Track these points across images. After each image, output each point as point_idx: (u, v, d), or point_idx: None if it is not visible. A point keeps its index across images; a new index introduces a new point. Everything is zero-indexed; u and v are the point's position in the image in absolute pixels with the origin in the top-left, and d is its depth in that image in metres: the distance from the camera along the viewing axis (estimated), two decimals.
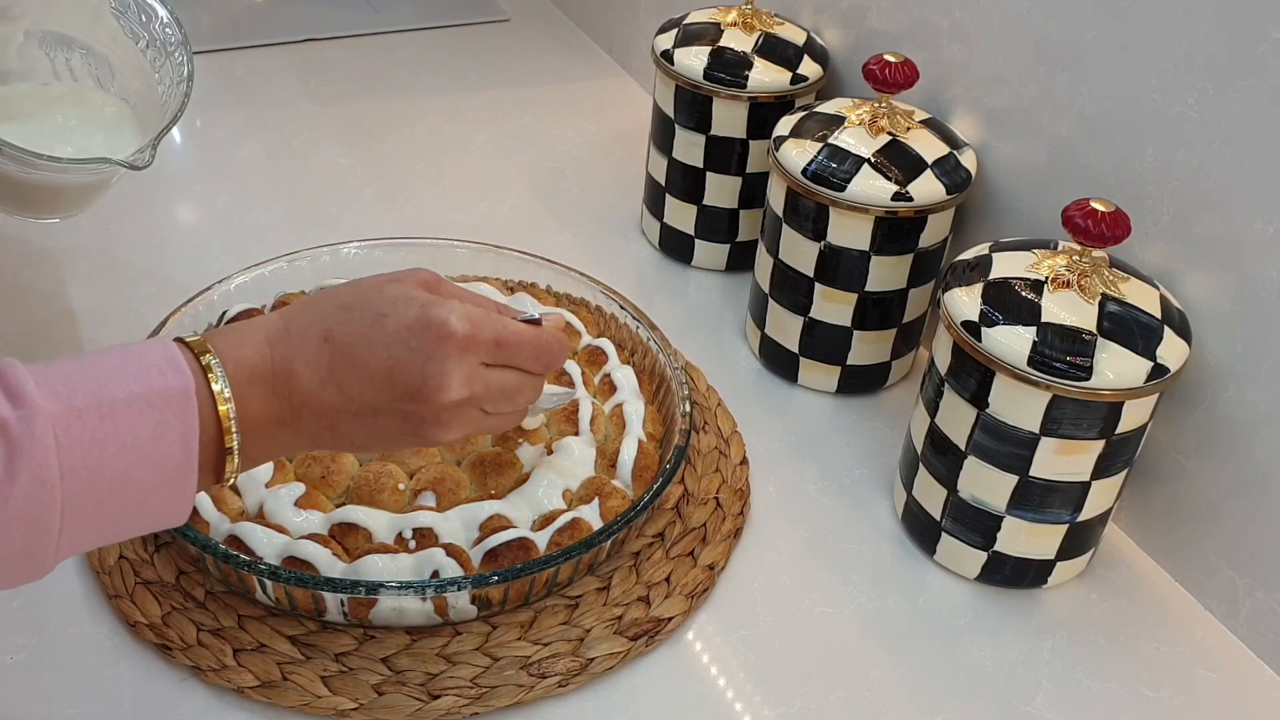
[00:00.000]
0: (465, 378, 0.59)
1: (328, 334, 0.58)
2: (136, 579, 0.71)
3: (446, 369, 0.58)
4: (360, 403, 0.58)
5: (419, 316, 0.58)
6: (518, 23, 1.48)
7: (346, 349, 0.57)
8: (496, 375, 0.61)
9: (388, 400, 0.58)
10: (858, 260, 0.84)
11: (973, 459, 0.72)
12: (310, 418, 0.58)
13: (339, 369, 0.57)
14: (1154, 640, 0.74)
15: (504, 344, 0.61)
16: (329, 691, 0.66)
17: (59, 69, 0.87)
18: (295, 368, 0.57)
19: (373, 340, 0.57)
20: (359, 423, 0.58)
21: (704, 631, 0.73)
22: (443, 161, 1.18)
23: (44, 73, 0.86)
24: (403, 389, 0.58)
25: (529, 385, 0.64)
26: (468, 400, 0.60)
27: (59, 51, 0.87)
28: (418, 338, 0.58)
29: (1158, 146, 0.74)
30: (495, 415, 0.63)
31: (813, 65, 0.96)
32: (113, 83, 0.87)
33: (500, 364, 0.61)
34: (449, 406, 0.59)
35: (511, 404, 0.63)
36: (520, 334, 0.62)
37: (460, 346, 0.58)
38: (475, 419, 0.61)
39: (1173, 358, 0.68)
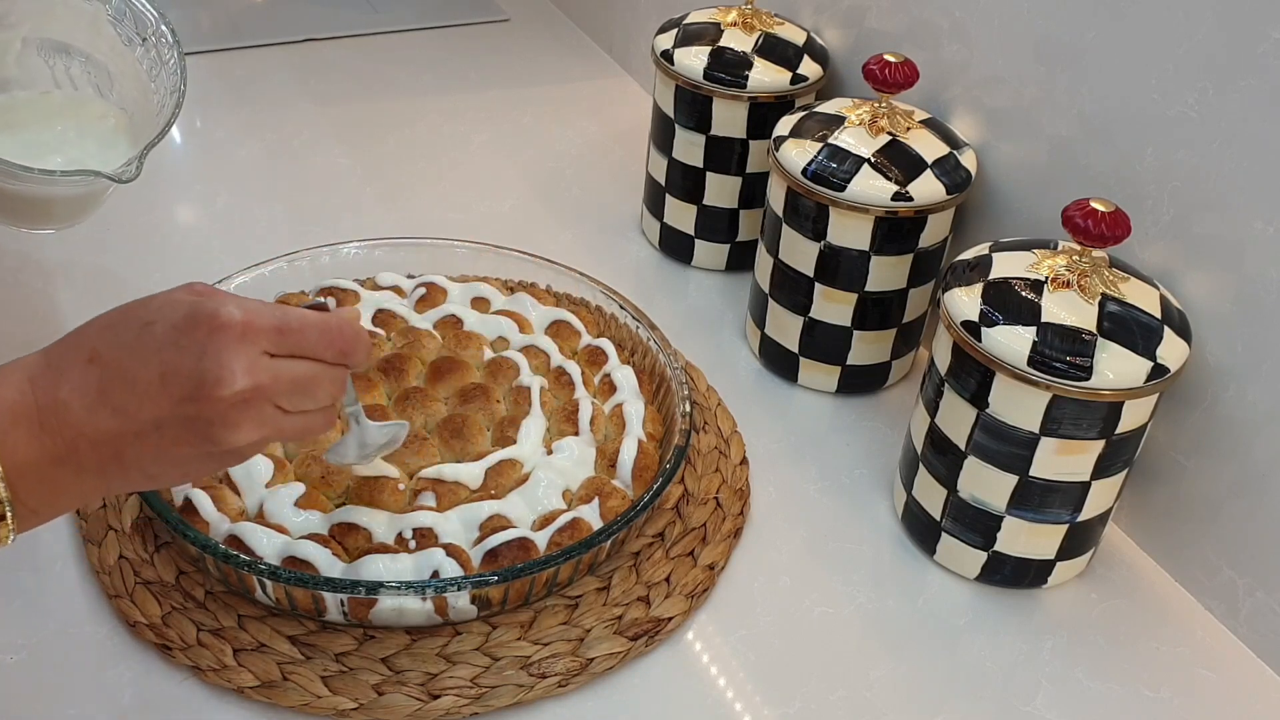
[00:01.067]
0: (247, 366, 0.54)
1: (93, 355, 0.53)
2: (136, 579, 0.71)
3: (224, 360, 0.53)
4: (140, 421, 0.53)
5: (187, 314, 0.54)
6: (518, 23, 1.48)
7: (115, 365, 0.53)
8: (286, 365, 0.56)
9: (168, 409, 0.53)
10: (858, 260, 0.84)
11: (973, 459, 0.72)
12: (89, 450, 0.53)
13: (111, 389, 0.52)
14: (1154, 640, 0.74)
15: (286, 329, 0.56)
16: (329, 691, 0.66)
17: (59, 78, 0.87)
18: (62, 397, 0.52)
19: (143, 349, 0.53)
20: (144, 445, 0.53)
21: (704, 631, 0.73)
22: (443, 161, 1.18)
23: (44, 81, 0.86)
24: (181, 392, 0.53)
25: (327, 377, 0.58)
26: (255, 392, 0.54)
27: (58, 59, 0.86)
28: (188, 335, 0.53)
29: (1158, 146, 0.74)
30: (296, 414, 0.58)
31: (813, 65, 0.96)
32: (112, 91, 0.87)
33: (288, 354, 0.56)
34: (235, 403, 0.54)
35: (311, 399, 0.58)
36: (303, 318, 0.57)
37: (236, 336, 0.54)
38: (271, 417, 0.56)
39: (1173, 358, 0.68)
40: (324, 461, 0.75)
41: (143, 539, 0.74)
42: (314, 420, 0.60)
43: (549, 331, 0.88)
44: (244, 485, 0.73)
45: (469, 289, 0.92)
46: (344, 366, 0.60)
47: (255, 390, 0.54)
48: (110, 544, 0.73)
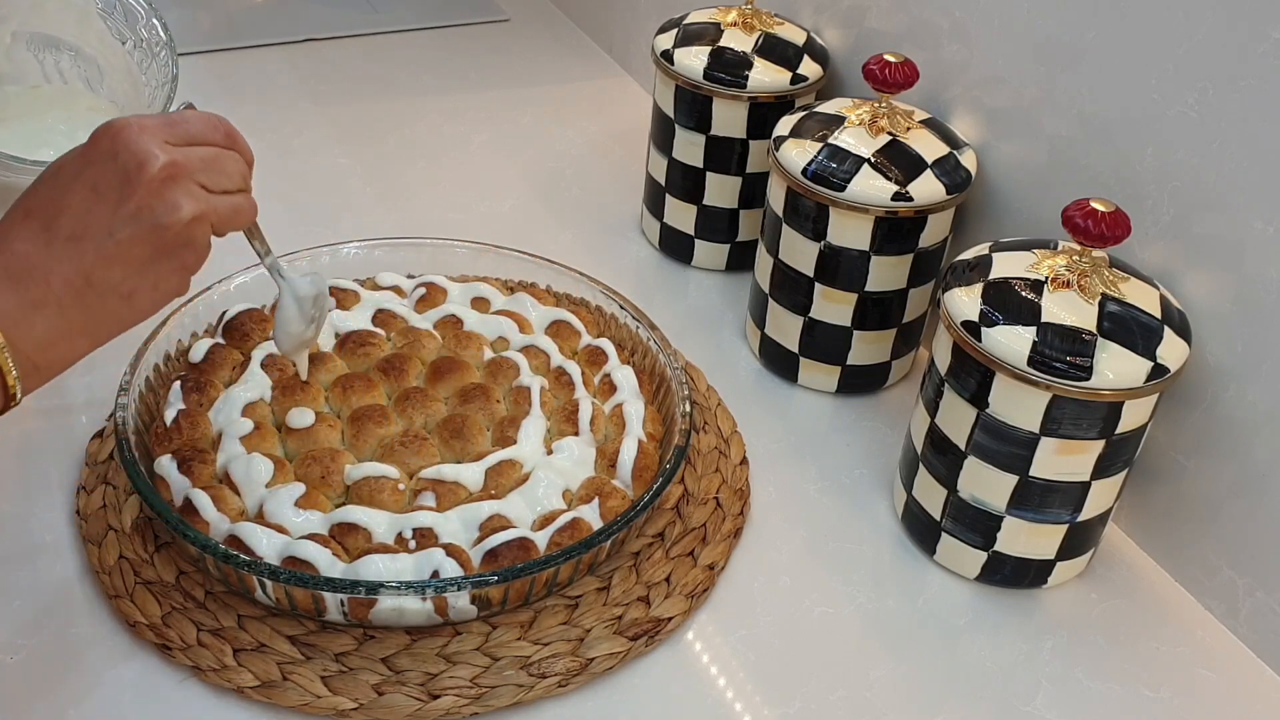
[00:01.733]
0: (158, 144, 0.59)
1: (26, 210, 0.59)
2: (136, 579, 0.71)
3: (136, 148, 0.58)
4: (93, 235, 0.58)
5: (85, 145, 0.59)
6: (518, 23, 1.48)
7: (49, 205, 0.58)
8: (190, 148, 0.61)
9: (111, 214, 0.58)
10: (858, 260, 0.84)
11: (973, 459, 0.72)
12: (61, 285, 0.57)
13: (55, 224, 0.58)
14: (1154, 640, 0.74)
15: (172, 121, 0.61)
16: (329, 691, 0.66)
17: (49, 71, 0.87)
18: (16, 248, 0.57)
19: (63, 183, 0.58)
20: (105, 260, 0.58)
21: (704, 631, 0.73)
22: (443, 161, 1.18)
23: (34, 75, 0.86)
24: (114, 194, 0.58)
25: (229, 156, 0.64)
26: (174, 168, 0.59)
27: (48, 53, 0.87)
28: (95, 148, 0.59)
29: (1158, 146, 0.74)
30: (220, 194, 0.63)
31: (813, 65, 0.96)
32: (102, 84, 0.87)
33: (183, 142, 0.61)
34: (163, 179, 0.59)
35: (225, 176, 0.63)
36: (184, 112, 0.63)
37: (136, 131, 0.59)
38: (200, 194, 0.61)
39: (1173, 358, 0.68)
40: (323, 462, 0.75)
41: (143, 539, 0.74)
42: (239, 201, 0.65)
43: (549, 331, 0.88)
44: (244, 485, 0.73)
45: (469, 289, 0.92)
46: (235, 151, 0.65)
47: (174, 165, 0.59)
48: (110, 544, 0.73)
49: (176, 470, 0.73)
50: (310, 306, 0.75)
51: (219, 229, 0.63)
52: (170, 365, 0.83)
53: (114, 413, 0.75)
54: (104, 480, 0.77)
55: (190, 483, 0.73)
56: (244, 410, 0.78)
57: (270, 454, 0.76)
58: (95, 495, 0.76)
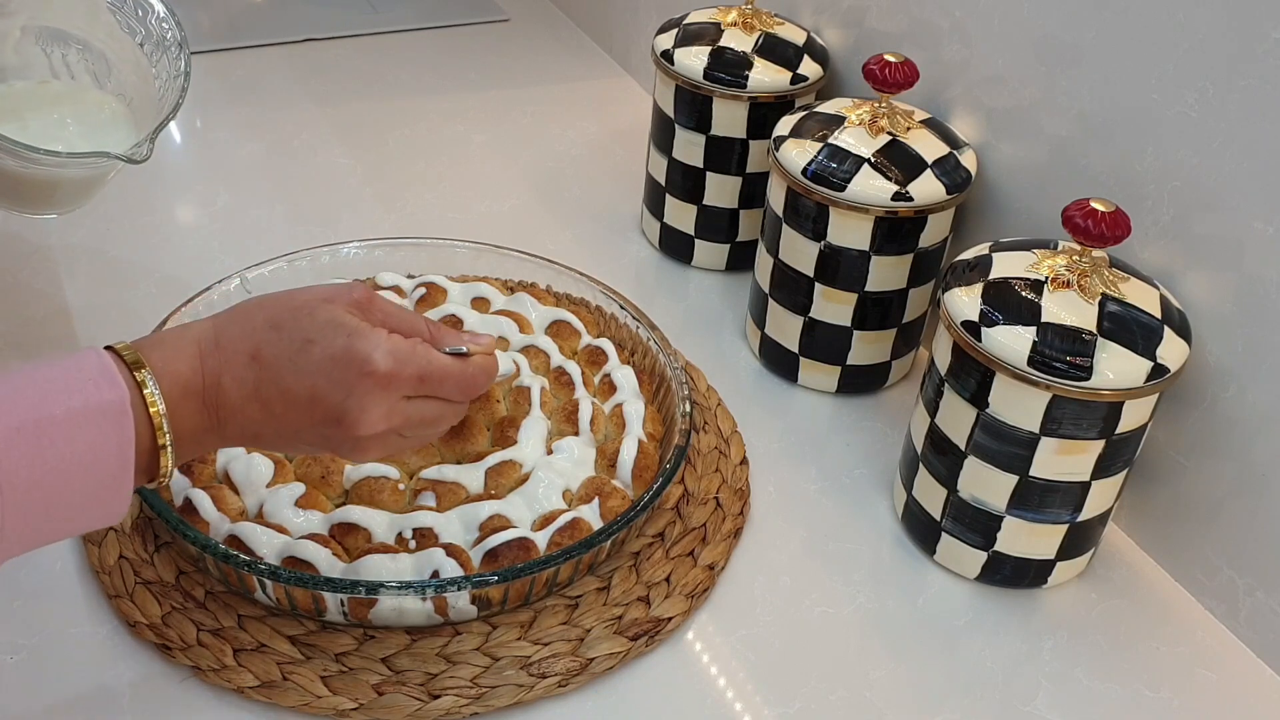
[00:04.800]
0: (385, 413, 0.61)
1: (255, 353, 0.59)
2: (136, 579, 0.71)
3: (366, 404, 0.60)
4: (283, 422, 0.60)
5: (345, 348, 0.59)
6: (518, 23, 1.48)
7: (273, 371, 0.59)
8: (417, 407, 0.63)
9: (309, 425, 0.60)
10: (858, 260, 0.84)
11: (973, 459, 0.72)
12: (235, 428, 0.60)
13: (264, 388, 0.59)
14: (1154, 640, 0.74)
15: (427, 379, 0.62)
16: (329, 691, 0.66)
17: (56, 66, 0.87)
18: (224, 383, 0.58)
19: (298, 367, 0.59)
20: (280, 437, 0.61)
21: (704, 631, 0.73)
22: (443, 161, 1.18)
23: (41, 69, 0.86)
24: (323, 416, 0.60)
25: (451, 412, 0.66)
26: (385, 435, 0.62)
27: (56, 47, 0.86)
28: (341, 370, 0.59)
29: (1158, 146, 0.74)
30: (414, 438, 0.65)
31: (813, 65, 0.96)
32: (109, 79, 0.87)
33: (423, 396, 0.63)
34: (367, 438, 0.61)
35: (433, 430, 0.66)
36: (445, 369, 0.63)
37: (381, 385, 0.60)
38: (393, 443, 0.64)
39: (1173, 358, 0.68)
40: (323, 462, 0.75)
41: (143, 539, 0.74)
42: (429, 439, 0.67)
43: (549, 331, 0.88)
44: (244, 485, 0.73)
45: (469, 289, 0.92)
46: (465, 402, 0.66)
47: (386, 434, 0.62)
48: (110, 544, 0.73)
49: (177, 471, 0.73)
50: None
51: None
52: None
53: None
54: None
55: (190, 483, 0.73)
56: None
57: (270, 454, 0.76)
58: None
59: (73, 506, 0.54)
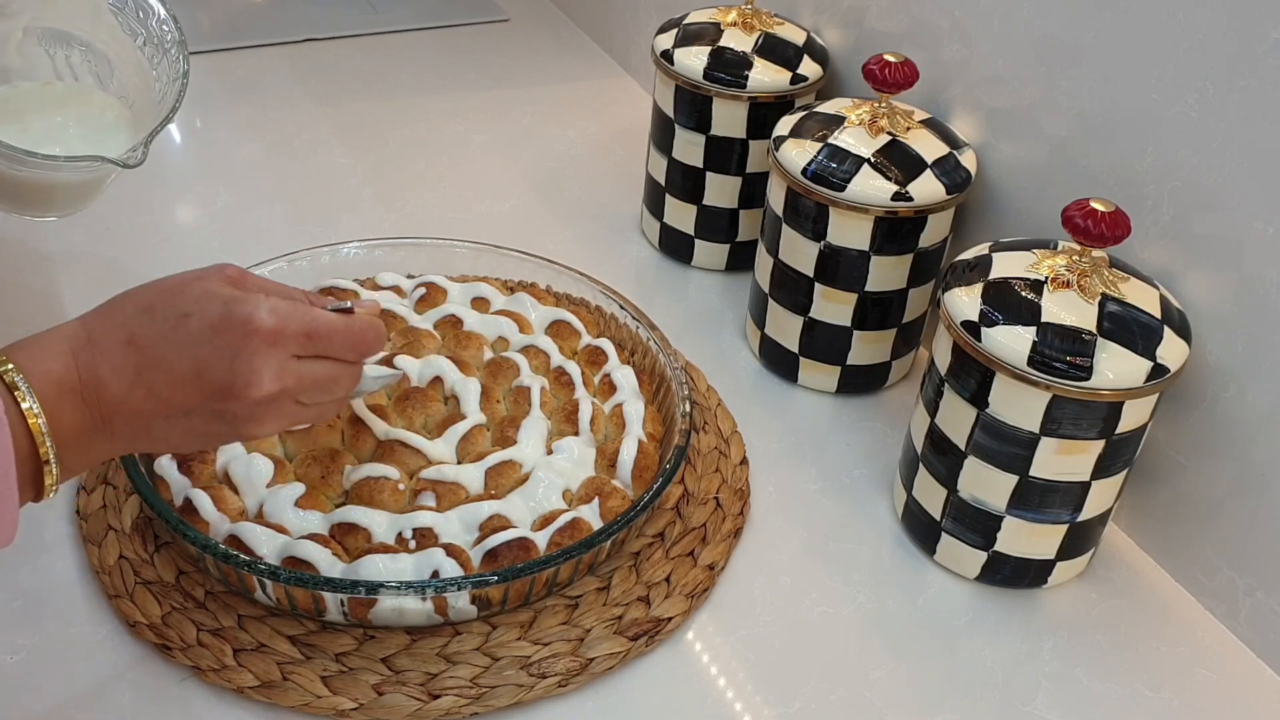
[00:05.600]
0: (276, 372, 0.58)
1: (131, 338, 0.56)
2: (136, 579, 0.71)
3: (255, 365, 0.57)
4: (171, 405, 0.57)
5: (222, 314, 0.57)
6: (518, 23, 1.48)
7: (151, 352, 0.56)
8: (309, 366, 0.60)
9: (199, 401, 0.57)
10: (858, 260, 0.84)
11: (973, 459, 0.72)
12: (122, 423, 0.57)
13: (146, 373, 0.56)
14: (1154, 640, 0.74)
15: (314, 335, 0.60)
16: (329, 691, 0.66)
17: (59, 67, 0.87)
18: (101, 375, 0.56)
19: (178, 342, 0.56)
20: (172, 424, 0.58)
21: (704, 631, 0.73)
22: (443, 161, 1.18)
23: (45, 71, 0.86)
24: (212, 389, 0.57)
25: (346, 374, 0.63)
26: (280, 394, 0.59)
27: (59, 49, 0.87)
28: (223, 336, 0.57)
29: (1158, 146, 0.74)
30: (313, 406, 0.62)
31: (813, 65, 0.96)
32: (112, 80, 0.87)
33: (312, 355, 0.60)
34: (261, 402, 0.58)
35: (328, 394, 0.63)
36: (331, 324, 0.61)
37: (268, 341, 0.57)
38: (291, 411, 0.61)
39: (1173, 358, 0.68)
40: (323, 462, 0.75)
41: (143, 539, 0.74)
42: (327, 409, 0.65)
43: (549, 331, 0.88)
44: (244, 485, 0.73)
45: (469, 289, 0.92)
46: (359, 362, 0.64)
47: (281, 392, 0.59)
48: (110, 544, 0.73)
49: (176, 470, 0.73)
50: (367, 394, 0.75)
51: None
52: None
53: None
54: (104, 480, 0.77)
55: (190, 483, 0.73)
56: None
57: (270, 454, 0.76)
58: (95, 495, 0.76)
59: None
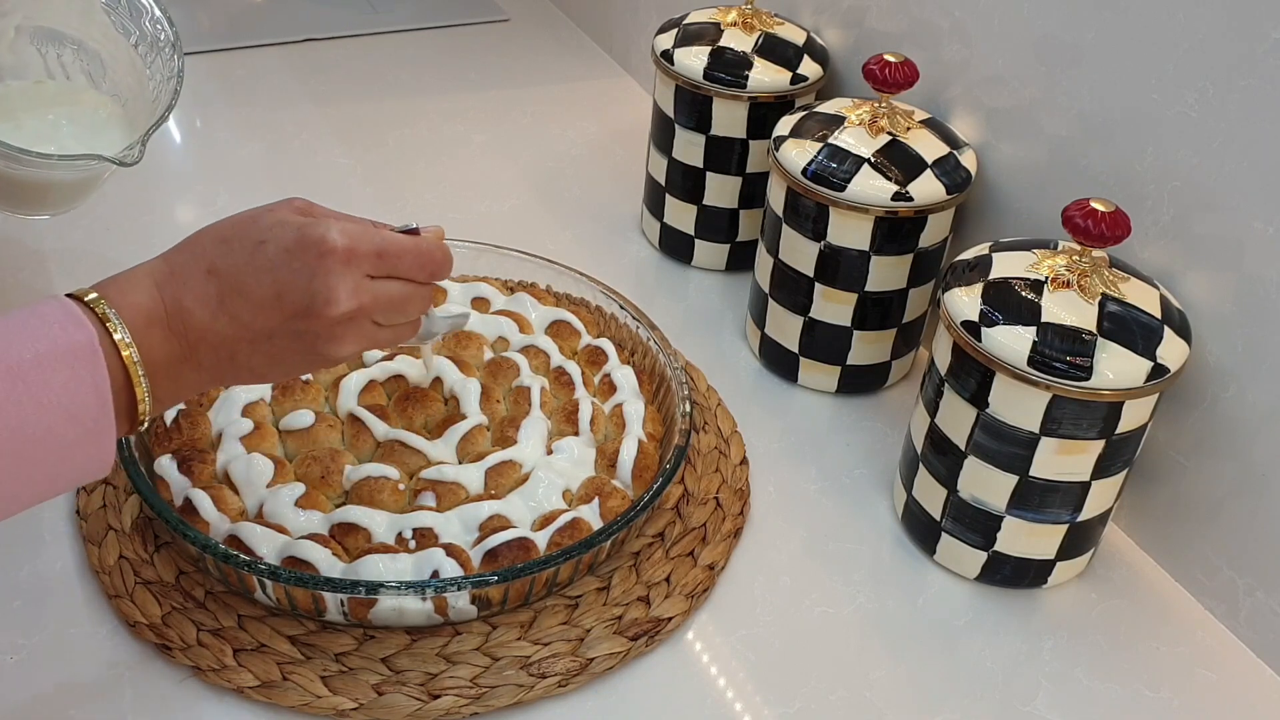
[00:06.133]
0: (352, 289, 0.60)
1: (211, 267, 0.58)
2: (136, 579, 0.71)
3: (332, 283, 0.59)
4: (254, 329, 0.59)
5: (297, 238, 0.59)
6: (518, 23, 1.48)
7: (232, 279, 0.58)
8: (383, 286, 0.62)
9: (280, 323, 0.59)
10: (858, 260, 0.84)
11: (973, 459, 0.72)
12: (208, 351, 0.59)
13: (228, 299, 0.58)
14: (1154, 640, 0.74)
15: (385, 254, 0.62)
16: (329, 691, 0.66)
17: (51, 66, 0.87)
18: (186, 304, 0.58)
19: (256, 267, 0.58)
20: (256, 349, 0.59)
21: (704, 631, 0.73)
22: (443, 161, 1.18)
23: (37, 70, 0.86)
24: (293, 309, 0.59)
25: (417, 295, 0.65)
26: (358, 312, 0.60)
27: (50, 47, 0.86)
28: (299, 258, 0.59)
29: (1158, 146, 0.74)
30: (388, 327, 0.64)
31: (813, 65, 0.96)
32: (105, 79, 0.87)
33: (384, 275, 0.62)
34: (340, 320, 0.60)
35: (403, 314, 0.64)
36: (400, 243, 0.63)
37: (342, 260, 0.59)
38: (369, 332, 0.62)
39: (1173, 358, 0.68)
40: (323, 462, 0.75)
41: (143, 539, 0.74)
42: (403, 331, 0.66)
43: (549, 331, 0.88)
44: (244, 485, 0.74)
45: (469, 289, 0.92)
46: (431, 283, 0.66)
47: (358, 310, 0.60)
48: (110, 544, 0.73)
49: (176, 470, 0.73)
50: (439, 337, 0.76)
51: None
52: None
53: None
54: (104, 480, 0.77)
55: (190, 483, 0.73)
56: (244, 410, 0.78)
57: (270, 454, 0.76)
58: (95, 495, 0.76)
59: (57, 457, 0.53)
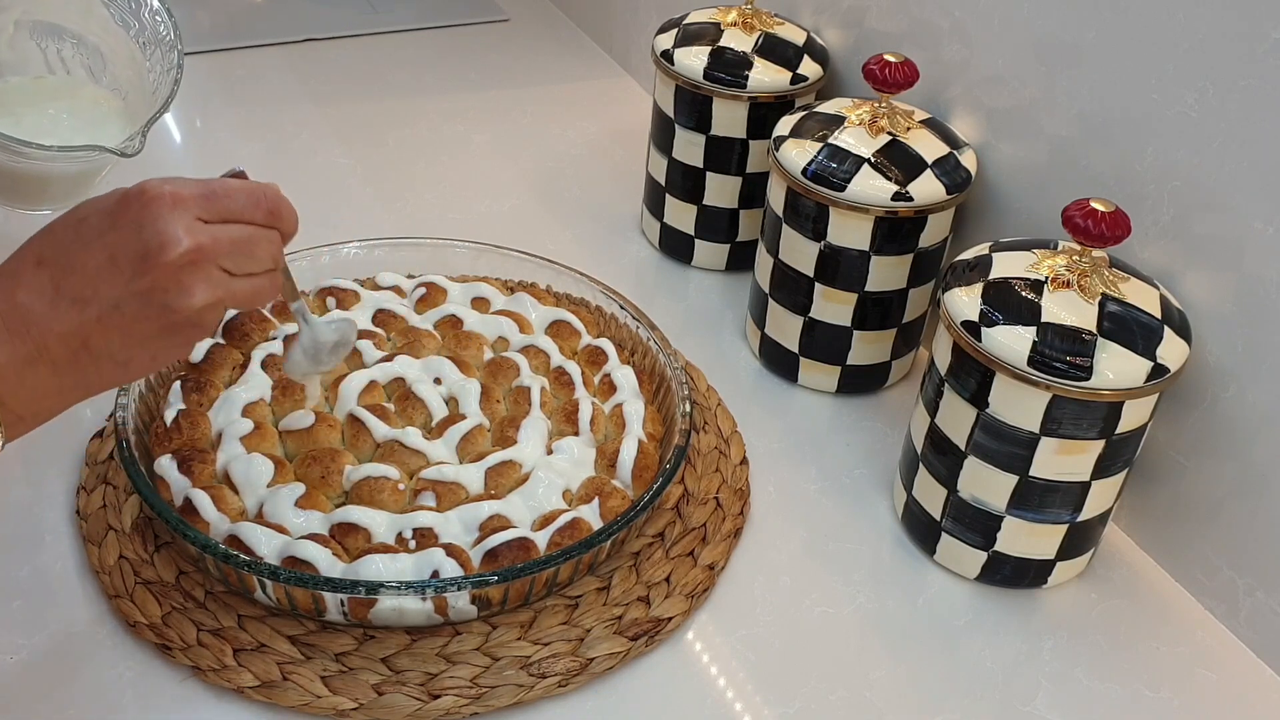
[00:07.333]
0: (186, 228, 0.56)
1: (40, 258, 0.56)
2: (136, 579, 0.71)
3: (161, 227, 0.56)
4: (99, 304, 0.56)
5: (117, 198, 0.57)
6: (518, 23, 1.48)
7: (62, 261, 0.56)
8: (221, 228, 0.58)
9: (122, 287, 0.56)
10: (858, 260, 0.84)
11: (973, 459, 0.72)
12: (58, 344, 0.56)
13: (64, 282, 0.55)
14: (1154, 640, 0.74)
15: (213, 194, 0.58)
16: (329, 691, 0.66)
17: (51, 60, 0.87)
18: (20, 300, 0.55)
19: (83, 241, 0.56)
20: (108, 329, 0.56)
21: (704, 631, 0.73)
22: (443, 161, 1.18)
23: (37, 65, 0.86)
24: (130, 268, 0.56)
25: (264, 237, 0.60)
26: (198, 253, 0.56)
27: (50, 42, 0.87)
28: (123, 214, 0.56)
29: (1158, 146, 0.74)
30: (242, 277, 0.60)
31: (813, 65, 0.96)
32: (104, 73, 0.87)
33: (219, 219, 0.58)
34: (182, 264, 0.56)
35: (252, 259, 0.60)
36: (227, 183, 0.60)
37: (168, 204, 0.56)
38: (219, 279, 0.58)
39: (1173, 358, 0.68)
40: (323, 462, 0.75)
41: (143, 539, 0.74)
42: (261, 283, 0.61)
43: (549, 331, 0.88)
44: (244, 485, 0.73)
45: (469, 289, 0.92)
46: (275, 229, 0.61)
47: (198, 251, 0.56)
48: (110, 544, 0.73)
49: (176, 470, 0.73)
50: (327, 353, 0.74)
51: (238, 309, 0.61)
52: (170, 365, 0.83)
53: (114, 412, 0.75)
54: (104, 480, 0.77)
55: (190, 483, 0.73)
56: (244, 410, 0.78)
57: (270, 454, 0.76)
58: (95, 495, 0.76)
59: None
